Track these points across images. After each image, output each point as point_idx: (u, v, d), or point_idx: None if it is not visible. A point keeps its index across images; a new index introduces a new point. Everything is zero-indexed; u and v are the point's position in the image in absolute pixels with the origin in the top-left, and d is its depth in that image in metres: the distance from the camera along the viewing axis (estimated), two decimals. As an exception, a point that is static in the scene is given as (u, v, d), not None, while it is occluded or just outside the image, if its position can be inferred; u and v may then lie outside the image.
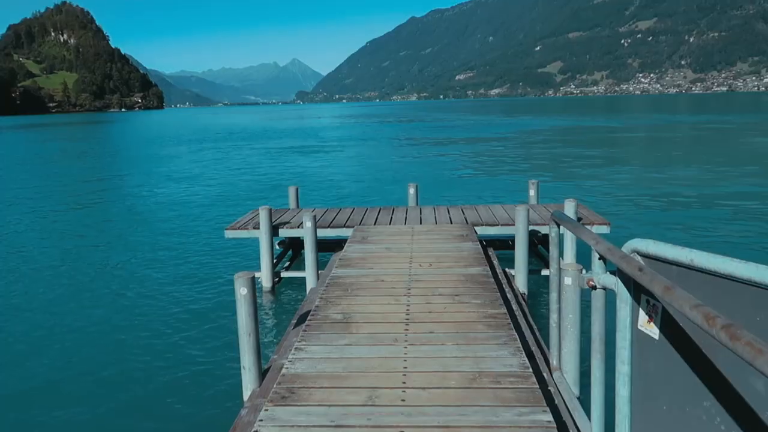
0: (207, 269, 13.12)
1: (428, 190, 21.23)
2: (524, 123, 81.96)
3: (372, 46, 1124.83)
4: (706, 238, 14.97)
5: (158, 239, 16.14)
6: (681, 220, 16.94)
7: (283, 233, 11.93)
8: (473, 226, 11.47)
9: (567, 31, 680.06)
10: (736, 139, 46.55)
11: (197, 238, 16.02)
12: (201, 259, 13.99)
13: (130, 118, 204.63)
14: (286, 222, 12.25)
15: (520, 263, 10.50)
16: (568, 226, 3.96)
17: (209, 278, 12.48)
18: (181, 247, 15.17)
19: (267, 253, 11.54)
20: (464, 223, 11.67)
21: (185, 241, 15.84)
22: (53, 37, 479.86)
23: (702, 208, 18.77)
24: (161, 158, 43.35)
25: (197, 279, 12.43)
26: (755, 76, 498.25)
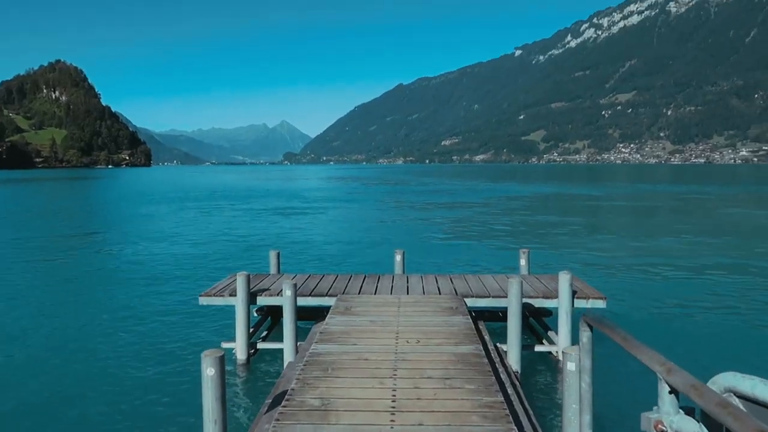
0: (177, 339, 12.23)
1: (415, 256, 20.65)
2: (510, 189, 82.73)
3: (360, 111, 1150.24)
4: (708, 312, 14.46)
5: (127, 303, 15.24)
6: (678, 293, 16.43)
7: (261, 301, 11.22)
8: (463, 297, 10.87)
9: (549, 101, 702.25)
10: (719, 210, 46.99)
11: (169, 304, 15.10)
12: (171, 327, 13.10)
13: (115, 174, 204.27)
14: (264, 289, 11.56)
15: (513, 339, 9.86)
16: (614, 335, 3.00)
17: (178, 349, 11.61)
18: (151, 313, 14.27)
19: (243, 322, 10.79)
20: (453, 294, 11.06)
21: (156, 306, 14.92)
22: (45, 93, 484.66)
23: (695, 280, 18.38)
24: (139, 216, 42.47)
25: (165, 351, 11.54)
26: (731, 149, 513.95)
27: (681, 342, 12.07)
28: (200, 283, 16.60)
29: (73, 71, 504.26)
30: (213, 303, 11.18)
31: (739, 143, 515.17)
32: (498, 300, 10.96)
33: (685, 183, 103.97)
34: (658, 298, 15.67)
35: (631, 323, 13.05)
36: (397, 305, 10.18)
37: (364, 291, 11.44)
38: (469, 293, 11.14)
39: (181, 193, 76.57)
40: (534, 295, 11.01)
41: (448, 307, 10.06)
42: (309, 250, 24.48)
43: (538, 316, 12.57)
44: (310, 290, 11.41)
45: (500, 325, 12.65)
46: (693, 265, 20.88)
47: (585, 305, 10.84)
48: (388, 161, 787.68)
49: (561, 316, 10.54)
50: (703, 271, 19.81)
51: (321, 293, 11.23)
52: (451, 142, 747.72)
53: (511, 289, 9.79)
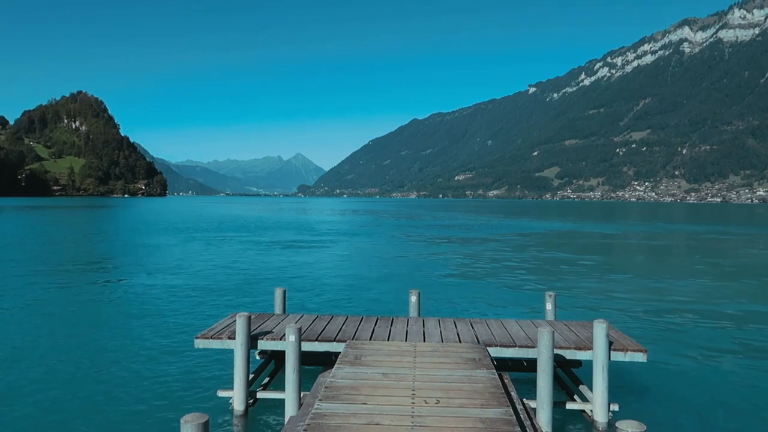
0: (170, 384, 11.15)
1: (432, 296, 19.53)
2: (526, 225, 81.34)
3: (374, 145, 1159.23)
4: (755, 366, 13.16)
5: (118, 342, 14.20)
6: (721, 343, 14.98)
7: (262, 345, 10.20)
8: (486, 346, 9.78)
9: (563, 138, 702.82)
10: (742, 250, 45.40)
11: (164, 344, 14.03)
12: (165, 370, 12.02)
13: (129, 203, 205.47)
14: (267, 332, 10.55)
15: (543, 397, 8.72)
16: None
17: (171, 396, 10.55)
18: (143, 353, 13.20)
19: (242, 369, 9.75)
20: (475, 343, 9.97)
21: (150, 346, 13.84)
22: (65, 123, 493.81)
23: (736, 327, 17.01)
24: (143, 247, 41.62)
25: (156, 397, 10.47)
26: (748, 188, 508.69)
27: (733, 400, 10.81)
28: (199, 321, 15.59)
29: (93, 102, 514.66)
30: (210, 346, 10.17)
31: (756, 183, 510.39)
32: (525, 350, 9.84)
33: (705, 222, 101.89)
34: (701, 350, 14.28)
35: (674, 379, 11.81)
36: (412, 354, 9.12)
37: (376, 336, 10.39)
38: (493, 342, 10.04)
39: (190, 224, 76.10)
40: (565, 345, 9.88)
41: (471, 358, 8.97)
42: (317, 288, 23.34)
43: (566, 366, 11.41)
44: (316, 334, 10.38)
45: (525, 376, 11.51)
46: (730, 310, 19.51)
47: (623, 358, 9.70)
48: (401, 195, 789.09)
49: (596, 370, 9.39)
50: (742, 317, 18.44)
51: (329, 338, 10.19)
52: (465, 177, 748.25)
53: (541, 340, 8.70)
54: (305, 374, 11.39)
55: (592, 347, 9.65)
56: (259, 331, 10.60)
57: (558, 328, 11.14)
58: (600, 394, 9.37)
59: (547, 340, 8.67)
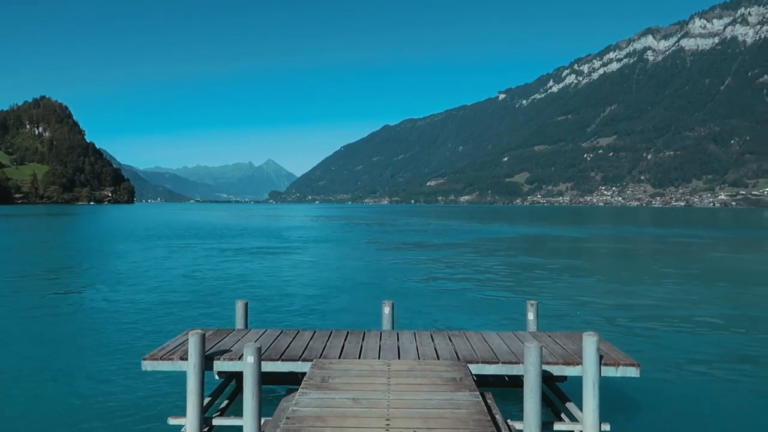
0: (114, 411, 9.95)
1: (406, 306, 18.55)
2: (499, 230, 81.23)
3: (346, 151, 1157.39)
4: (753, 377, 12.57)
5: (57, 362, 12.81)
6: (716, 354, 14.25)
7: (219, 366, 9.15)
8: (466, 363, 8.92)
9: (533, 144, 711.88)
10: (714, 254, 45.75)
11: (111, 364, 12.69)
12: (109, 394, 10.75)
13: (94, 211, 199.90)
14: (225, 350, 9.51)
15: (531, 419, 7.87)
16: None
17: (114, 425, 9.41)
18: (85, 375, 11.87)
19: (195, 393, 8.70)
20: (455, 359, 9.11)
21: (94, 367, 12.45)
22: (28, 129, 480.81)
23: (727, 334, 16.44)
24: (100, 256, 39.63)
25: (96, 428, 9.33)
26: (710, 192, 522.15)
27: (734, 417, 10.15)
28: (152, 338, 14.30)
29: (57, 107, 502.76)
30: (160, 368, 9.10)
31: (717, 187, 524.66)
32: (509, 366, 9.02)
33: (673, 226, 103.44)
34: (695, 362, 13.54)
35: (668, 395, 11.08)
36: (386, 375, 8.21)
37: (346, 353, 9.45)
38: (474, 358, 9.18)
39: (153, 231, 73.77)
40: (552, 360, 9.08)
41: (451, 378, 8.10)
42: (283, 300, 21.90)
43: (551, 381, 10.64)
44: (279, 353, 9.37)
45: (508, 392, 10.70)
46: (716, 317, 18.95)
47: (614, 373, 8.94)
48: (373, 201, 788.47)
49: (586, 387, 8.60)
50: (731, 323, 17.95)
51: (293, 357, 9.20)
52: (437, 182, 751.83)
53: (528, 356, 7.87)
54: (268, 396, 10.39)
55: (581, 362, 8.88)
56: (216, 349, 9.56)
57: (543, 340, 10.35)
58: (591, 413, 8.58)
59: (534, 356, 7.84)
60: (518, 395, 10.70)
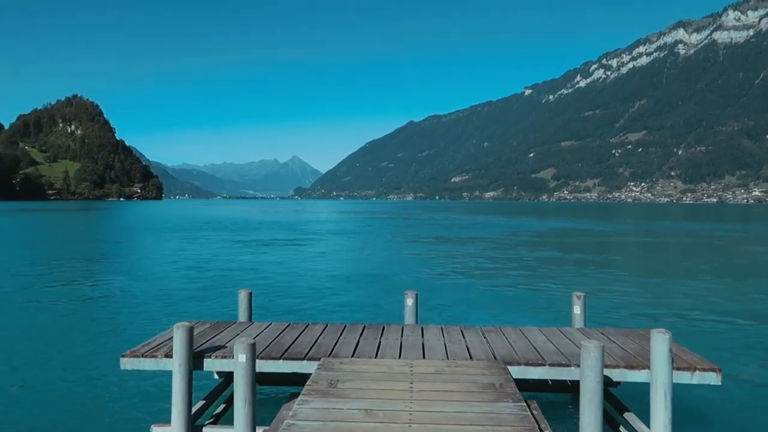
0: (88, 421, 8.55)
1: (431, 299, 16.88)
2: (528, 224, 78.79)
3: (371, 147, 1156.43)
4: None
5: (39, 357, 11.61)
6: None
7: (210, 364, 7.74)
8: (506, 365, 7.37)
9: (559, 140, 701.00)
10: (760, 248, 43.16)
11: (92, 366, 11.13)
12: (84, 401, 9.33)
13: (123, 207, 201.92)
14: (219, 346, 8.10)
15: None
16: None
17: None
18: (60, 378, 10.44)
19: (182, 396, 7.31)
20: (491, 360, 7.57)
21: (72, 369, 10.93)
22: (60, 127, 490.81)
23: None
24: (116, 247, 39.00)
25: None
26: (744, 188, 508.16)
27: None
28: (147, 332, 12.75)
29: (89, 106, 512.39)
30: (141, 367, 7.73)
31: (751, 183, 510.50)
32: (559, 370, 7.43)
33: (712, 221, 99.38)
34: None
35: (753, 407, 9.26)
36: (408, 378, 6.71)
37: (360, 351, 7.97)
38: (514, 358, 7.61)
39: (176, 224, 73.34)
40: (612, 363, 7.46)
41: (489, 383, 6.56)
42: (293, 291, 20.30)
43: (604, 386, 8.99)
44: (282, 350, 7.92)
45: (554, 399, 9.10)
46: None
47: (689, 380, 7.31)
48: (398, 197, 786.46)
49: (656, 396, 6.97)
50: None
51: (298, 355, 7.74)
52: (461, 179, 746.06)
53: (586, 359, 6.29)
54: (270, 399, 8.97)
55: (647, 365, 7.26)
56: (209, 345, 8.16)
57: (596, 338, 8.73)
58: (661, 428, 6.96)
59: (594, 358, 6.26)
60: (563, 402, 9.11)
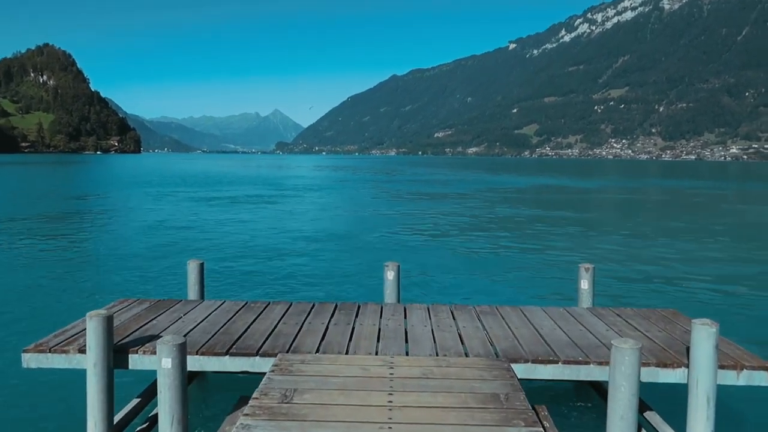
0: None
1: (415, 271, 14.90)
2: (516, 181, 77.31)
3: (353, 101, 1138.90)
4: None
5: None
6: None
7: (136, 362, 6.13)
8: (509, 362, 5.89)
9: (542, 95, 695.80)
10: (736, 206, 42.40)
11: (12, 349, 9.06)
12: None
13: (99, 160, 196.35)
14: (151, 337, 6.49)
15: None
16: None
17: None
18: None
19: (98, 402, 5.73)
20: (491, 355, 6.08)
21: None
22: (32, 77, 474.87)
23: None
24: (74, 203, 36.71)
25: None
26: (722, 146, 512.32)
27: None
28: (70, 315, 10.39)
29: (61, 55, 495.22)
30: (48, 365, 6.12)
31: (729, 141, 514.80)
32: (574, 369, 5.97)
33: (700, 178, 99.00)
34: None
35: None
36: (387, 387, 5.18)
37: (328, 344, 6.42)
38: (520, 353, 6.10)
39: (148, 180, 70.50)
40: (643, 360, 6.02)
41: (491, 393, 5.05)
42: (257, 257, 17.51)
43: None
44: (229, 342, 6.33)
45: (561, 394, 7.71)
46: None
47: (734, 381, 5.90)
48: (380, 152, 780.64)
49: (696, 401, 5.53)
50: None
51: (248, 350, 6.14)
52: (444, 134, 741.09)
53: (619, 364, 4.81)
54: (215, 403, 7.45)
55: (684, 362, 5.85)
56: (140, 334, 6.55)
57: (610, 322, 7.29)
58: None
59: (630, 364, 4.79)
60: (573, 399, 7.72)
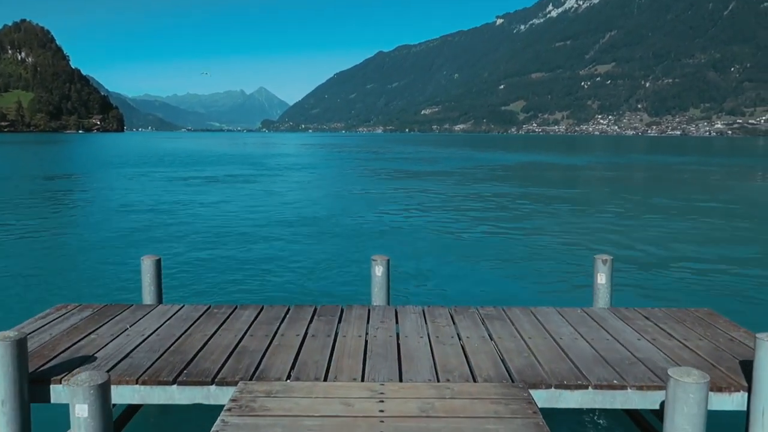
0: None
1: (407, 264, 13.19)
2: (507, 158, 75.95)
3: (339, 78, 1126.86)
4: None
5: None
6: None
7: (59, 395, 4.90)
8: (526, 386, 4.75)
9: (529, 71, 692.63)
10: (738, 182, 41.71)
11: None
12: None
13: (80, 139, 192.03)
14: (82, 359, 5.25)
15: None
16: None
17: None
18: None
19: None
20: (505, 377, 4.93)
21: None
22: (10, 54, 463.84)
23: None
24: (39, 184, 34.88)
25: None
26: (707, 121, 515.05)
27: None
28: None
29: (39, 32, 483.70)
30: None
31: (714, 116, 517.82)
32: (609, 395, 4.85)
33: (692, 153, 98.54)
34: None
35: None
36: (377, 430, 4.02)
37: (303, 365, 5.19)
38: (541, 376, 4.92)
39: (125, 159, 68.42)
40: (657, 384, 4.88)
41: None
42: (226, 251, 15.36)
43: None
44: (179, 367, 5.11)
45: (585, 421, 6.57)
46: None
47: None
48: (367, 130, 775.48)
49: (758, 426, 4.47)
50: None
51: (203, 377, 4.91)
52: (431, 111, 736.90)
53: (681, 399, 3.69)
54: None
55: (744, 386, 4.75)
56: (70, 355, 5.31)
57: (638, 327, 6.17)
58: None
59: (697, 401, 3.68)
60: (596, 427, 6.59)
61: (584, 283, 9.12)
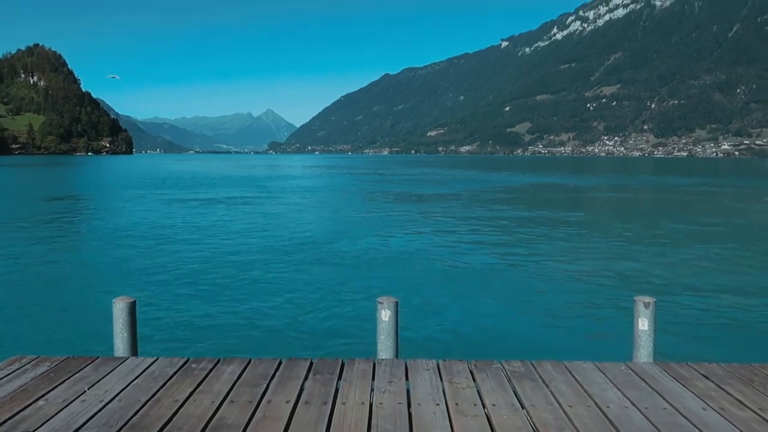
0: None
1: (417, 307, 11.89)
2: (517, 179, 75.23)
3: (346, 101, 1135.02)
4: None
5: None
6: None
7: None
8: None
9: (535, 93, 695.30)
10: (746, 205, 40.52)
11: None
12: None
13: (88, 161, 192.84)
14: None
15: None
16: None
17: None
18: None
19: None
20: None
21: None
22: (23, 78, 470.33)
23: None
24: (22, 208, 33.97)
25: None
26: (713, 142, 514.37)
27: None
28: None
29: (51, 56, 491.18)
30: None
31: (720, 137, 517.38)
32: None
33: (710, 175, 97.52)
34: None
35: None
36: None
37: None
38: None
39: (129, 181, 68.10)
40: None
41: None
42: (215, 285, 14.06)
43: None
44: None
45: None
46: None
47: None
48: (373, 151, 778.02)
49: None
50: None
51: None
52: (437, 133, 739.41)
53: None
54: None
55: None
56: (9, 427, 4.36)
57: (696, 389, 5.15)
58: None
59: None
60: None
61: (620, 328, 8.06)
